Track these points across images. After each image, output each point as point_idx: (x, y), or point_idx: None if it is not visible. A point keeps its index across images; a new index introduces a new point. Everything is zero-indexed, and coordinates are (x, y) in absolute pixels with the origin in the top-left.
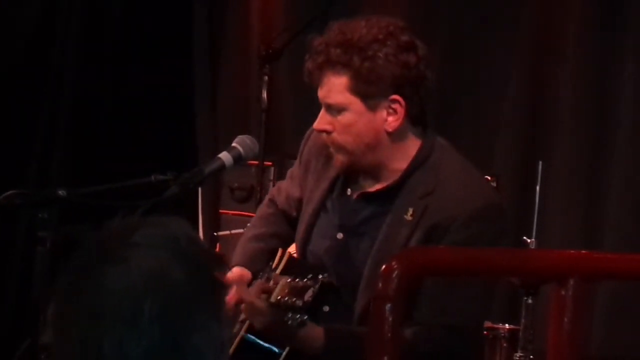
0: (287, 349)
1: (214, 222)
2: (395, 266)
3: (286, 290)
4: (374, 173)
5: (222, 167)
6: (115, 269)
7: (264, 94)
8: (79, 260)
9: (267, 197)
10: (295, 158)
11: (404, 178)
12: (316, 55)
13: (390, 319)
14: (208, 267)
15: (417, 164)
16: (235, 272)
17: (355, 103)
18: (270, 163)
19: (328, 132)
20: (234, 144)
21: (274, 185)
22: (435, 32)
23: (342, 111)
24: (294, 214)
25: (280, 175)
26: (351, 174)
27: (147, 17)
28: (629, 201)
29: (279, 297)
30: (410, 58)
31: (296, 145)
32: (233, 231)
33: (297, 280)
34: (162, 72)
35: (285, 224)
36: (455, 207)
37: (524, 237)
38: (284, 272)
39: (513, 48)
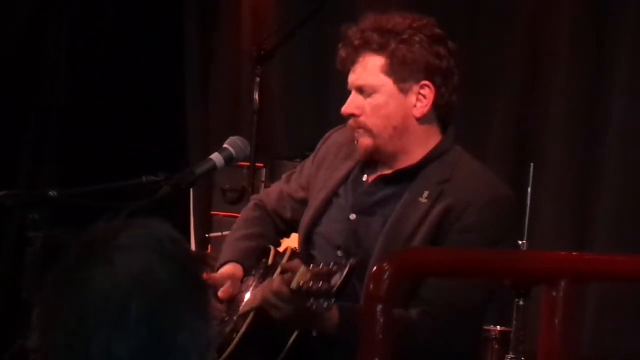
0: (291, 340)
1: (206, 223)
2: (387, 267)
3: (307, 277)
4: (394, 160)
5: (214, 168)
6: (101, 270)
7: (256, 95)
8: (64, 262)
9: (251, 202)
10: (286, 159)
11: (421, 164)
12: (352, 40)
13: (382, 320)
14: (192, 267)
15: (436, 154)
16: (228, 268)
17: (388, 84)
18: (261, 164)
19: (356, 116)
20: (225, 145)
21: (265, 187)
22: None
23: (373, 93)
24: (288, 214)
25: (272, 177)
26: (370, 162)
27: (138, 18)
28: (619, 203)
29: (299, 285)
30: (441, 49)
31: (288, 146)
32: (224, 232)
33: (320, 266)
34: (154, 73)
35: (272, 227)
36: (472, 192)
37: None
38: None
39: (504, 50)
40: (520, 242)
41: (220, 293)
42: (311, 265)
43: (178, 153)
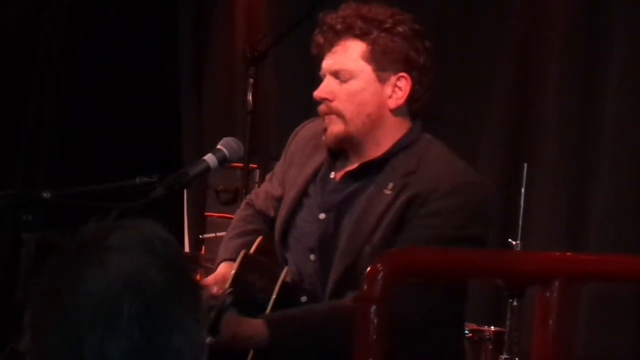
0: (272, 300)
1: (200, 224)
2: (380, 268)
3: None
4: (362, 150)
5: (207, 169)
6: (93, 272)
7: (249, 96)
8: (55, 264)
9: (244, 202)
10: (279, 160)
11: (387, 156)
12: (333, 24)
13: (376, 321)
14: (184, 268)
15: (402, 145)
16: (221, 268)
17: (367, 71)
18: (255, 165)
19: (329, 101)
20: (219, 146)
21: (259, 187)
22: None
23: (350, 79)
24: (272, 214)
25: (265, 178)
26: (338, 157)
27: (132, 19)
28: (613, 203)
29: None
30: (421, 45)
31: (282, 147)
32: (218, 234)
33: (208, 299)
34: (147, 74)
35: (264, 223)
36: (436, 180)
37: (509, 239)
38: (238, 273)
39: (498, 50)
40: (514, 243)
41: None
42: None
43: (172, 154)
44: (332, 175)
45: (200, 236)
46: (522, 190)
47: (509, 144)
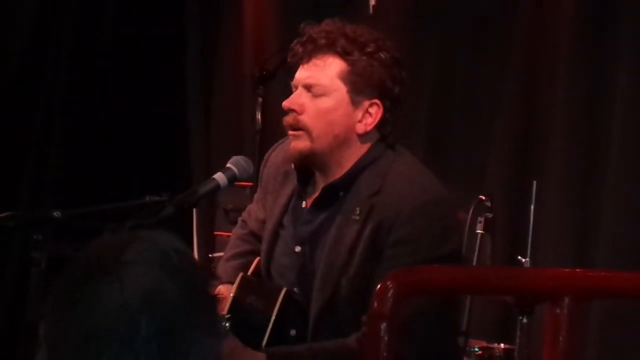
0: (271, 322)
1: (209, 243)
2: (390, 285)
3: None
4: (328, 173)
5: (217, 187)
6: (110, 288)
7: (258, 115)
8: (70, 280)
9: (239, 220)
10: None
11: (350, 177)
12: (316, 37)
13: (386, 338)
14: (200, 282)
15: (365, 163)
16: (221, 290)
17: (341, 91)
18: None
19: (297, 113)
20: (228, 165)
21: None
22: (427, 51)
23: (322, 96)
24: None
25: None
26: (307, 178)
27: (140, 39)
28: (622, 219)
29: None
30: (397, 74)
31: None
32: None
33: None
34: (156, 93)
35: (258, 242)
36: (399, 203)
37: (519, 256)
38: (237, 297)
39: (505, 67)
40: (523, 260)
41: None
42: None
43: (181, 173)
44: (303, 204)
45: (210, 255)
46: (531, 207)
47: (518, 160)
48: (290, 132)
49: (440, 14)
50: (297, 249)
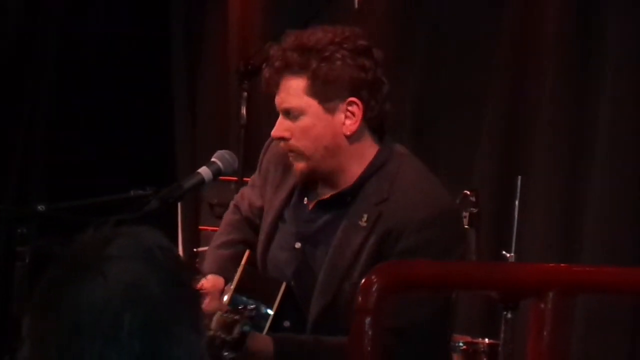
0: (273, 312)
1: (194, 238)
2: (375, 280)
3: (219, 324)
4: (332, 179)
5: (202, 182)
6: (93, 283)
7: (243, 110)
8: (54, 275)
9: (232, 203)
10: None
11: (359, 183)
12: (273, 61)
13: (370, 332)
14: (183, 277)
15: (373, 169)
16: (209, 280)
17: (313, 106)
18: (249, 179)
19: (286, 139)
20: (213, 159)
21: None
22: (413, 46)
23: (300, 116)
24: (257, 221)
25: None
26: (310, 182)
27: (125, 34)
28: (607, 214)
29: (211, 332)
30: (366, 61)
31: None
32: None
33: (227, 313)
34: (141, 88)
35: (251, 230)
36: (408, 213)
37: (503, 252)
38: (238, 289)
39: (491, 62)
40: (508, 255)
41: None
42: (226, 311)
43: (166, 167)
44: (305, 201)
45: (195, 250)
46: (516, 202)
47: (503, 157)
48: (289, 155)
49: (426, 7)
50: (297, 245)
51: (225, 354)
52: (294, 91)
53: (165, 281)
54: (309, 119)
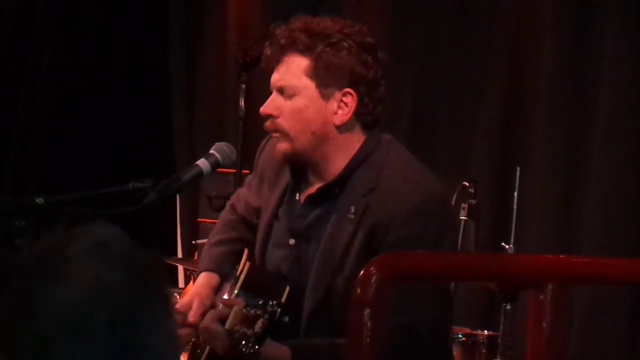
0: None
1: (192, 230)
2: (374, 271)
3: (238, 319)
4: (318, 170)
5: (200, 174)
6: (56, 287)
7: (242, 102)
8: (17, 285)
9: (228, 204)
10: None
11: (344, 175)
12: (279, 39)
13: (369, 324)
14: (145, 265)
15: (359, 160)
16: (203, 278)
17: (310, 88)
18: (247, 171)
19: (274, 117)
20: (211, 151)
21: (241, 188)
22: (411, 39)
23: (294, 95)
24: (255, 221)
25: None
26: (300, 177)
27: (123, 25)
28: (605, 205)
29: (232, 326)
30: (370, 59)
31: None
32: None
33: (248, 308)
34: (139, 80)
35: (247, 230)
36: (395, 203)
37: (502, 243)
38: (244, 285)
39: (489, 55)
40: (507, 246)
41: (190, 318)
42: (245, 306)
43: (164, 160)
44: (297, 196)
45: (193, 242)
46: (515, 194)
47: (501, 148)
48: (273, 135)
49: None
50: (292, 241)
51: (250, 346)
52: (294, 69)
53: (127, 272)
54: (302, 100)
